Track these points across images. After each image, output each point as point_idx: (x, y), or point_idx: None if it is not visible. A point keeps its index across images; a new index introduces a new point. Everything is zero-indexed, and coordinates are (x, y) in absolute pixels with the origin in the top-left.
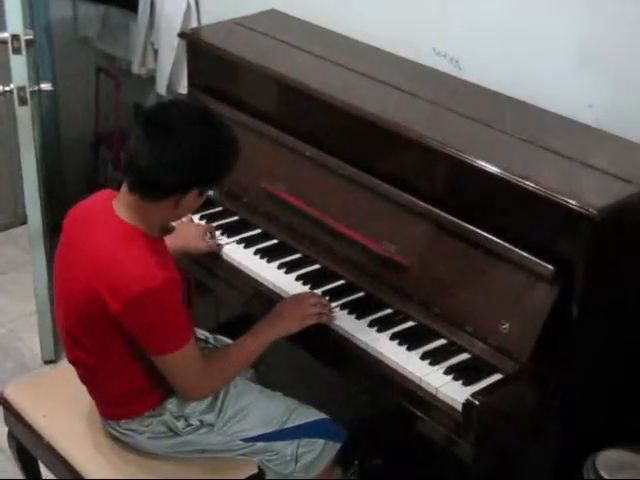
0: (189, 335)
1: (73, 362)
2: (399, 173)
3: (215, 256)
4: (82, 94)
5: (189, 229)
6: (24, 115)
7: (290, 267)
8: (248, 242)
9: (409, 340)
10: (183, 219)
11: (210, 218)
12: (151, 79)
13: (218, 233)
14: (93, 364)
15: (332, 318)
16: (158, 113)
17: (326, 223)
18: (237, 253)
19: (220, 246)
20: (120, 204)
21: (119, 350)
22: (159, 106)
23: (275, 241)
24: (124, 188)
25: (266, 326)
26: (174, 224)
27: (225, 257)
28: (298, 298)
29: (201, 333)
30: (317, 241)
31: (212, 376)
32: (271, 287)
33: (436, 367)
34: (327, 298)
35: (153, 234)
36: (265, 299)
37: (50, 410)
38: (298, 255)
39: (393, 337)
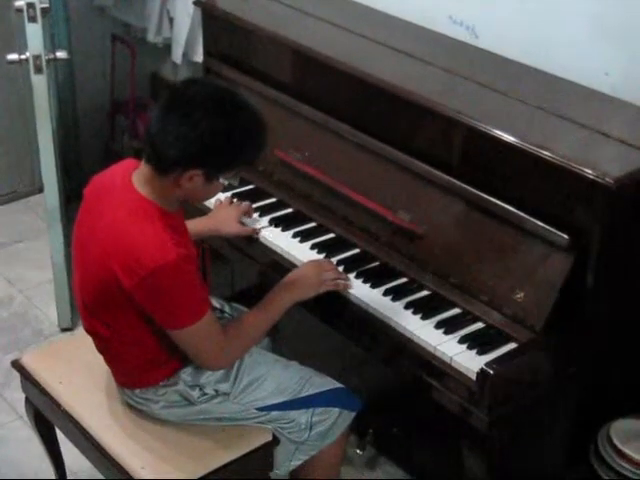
0: (205, 308)
1: (89, 332)
2: (415, 142)
3: (249, 239)
4: (98, 63)
5: (223, 212)
6: (40, 83)
7: (305, 236)
8: (263, 211)
9: (423, 309)
10: (220, 200)
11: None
12: (167, 47)
13: (256, 215)
14: (108, 336)
15: (347, 286)
16: (182, 90)
17: (341, 192)
18: (252, 222)
19: (257, 231)
20: (139, 176)
21: (134, 324)
22: (185, 83)
23: (290, 210)
24: (143, 159)
25: (282, 292)
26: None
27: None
28: (314, 264)
29: (217, 301)
30: (332, 210)
31: (230, 346)
32: (286, 256)
33: (450, 336)
34: (342, 267)
35: (169, 208)
36: (280, 268)
37: (67, 377)
38: (313, 224)
39: (408, 306)
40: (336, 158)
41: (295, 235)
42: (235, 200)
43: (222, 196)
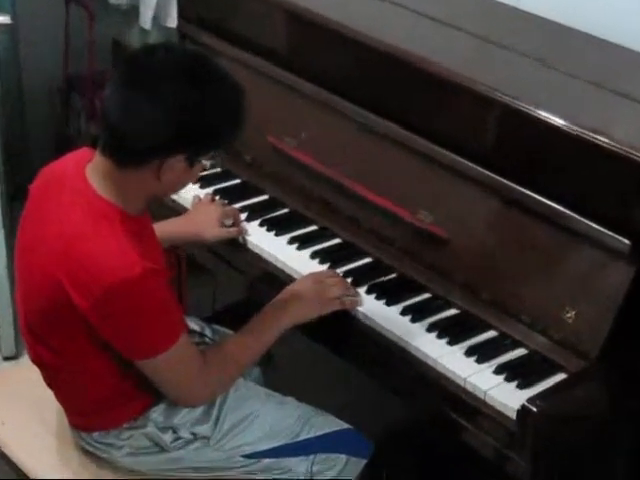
0: (178, 331)
1: (36, 362)
2: (439, 126)
3: (234, 243)
4: (48, 29)
5: (202, 212)
6: None
7: (303, 242)
8: (252, 211)
9: (451, 332)
10: (198, 197)
11: (205, 181)
12: (133, 10)
13: (243, 217)
14: (59, 366)
15: (356, 303)
16: (142, 58)
17: (348, 187)
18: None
19: (244, 234)
20: (95, 171)
21: (90, 351)
22: (145, 50)
23: (285, 210)
24: (98, 151)
25: (276, 312)
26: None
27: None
28: (316, 277)
29: (195, 323)
30: (337, 209)
31: (211, 377)
32: (280, 266)
33: (484, 365)
34: (350, 280)
35: (133, 212)
36: (273, 281)
37: (9, 416)
38: (313, 227)
39: (431, 328)
40: (342, 146)
41: (292, 241)
42: (217, 198)
43: (200, 193)
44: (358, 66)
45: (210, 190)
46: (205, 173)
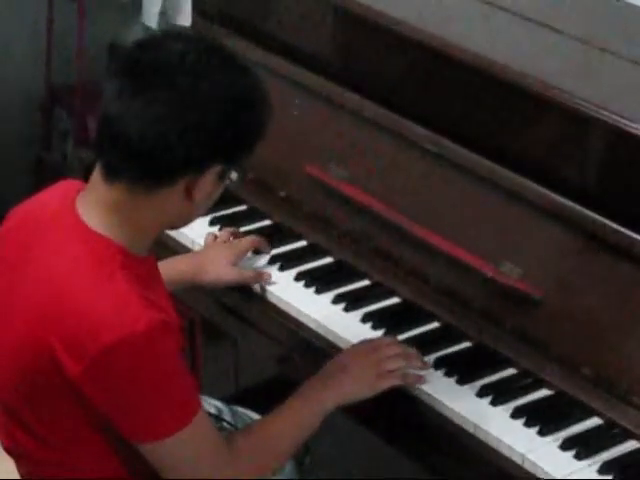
0: (194, 407)
1: (10, 451)
2: (528, 154)
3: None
4: (27, 29)
5: (215, 249)
6: None
7: (353, 301)
8: (286, 260)
9: (543, 419)
10: (214, 235)
11: (226, 222)
12: (134, 5)
13: (274, 269)
14: (43, 457)
15: (421, 379)
16: (151, 52)
17: (411, 232)
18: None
19: (265, 280)
20: (88, 203)
21: (83, 434)
22: (151, 41)
23: (328, 259)
24: (96, 176)
25: (320, 389)
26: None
27: (250, 286)
28: (371, 345)
29: (211, 404)
30: (396, 261)
31: (239, 467)
32: (322, 333)
33: (586, 462)
34: (413, 348)
35: (139, 250)
36: (312, 352)
37: None
38: (365, 282)
39: (517, 413)
40: (406, 179)
41: (337, 300)
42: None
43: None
44: (429, 80)
45: (229, 230)
46: (223, 212)
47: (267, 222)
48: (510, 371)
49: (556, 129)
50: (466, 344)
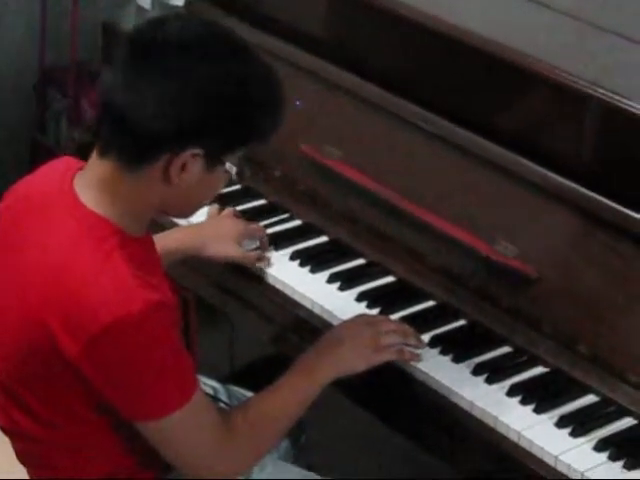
0: (192, 386)
1: (7, 431)
2: (522, 132)
3: (246, 274)
4: (19, 8)
5: (220, 225)
6: None
7: (348, 280)
8: (281, 240)
9: (538, 396)
10: (216, 207)
11: (220, 202)
12: None
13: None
14: (41, 436)
15: (417, 357)
16: (153, 33)
17: (406, 211)
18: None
19: (265, 263)
20: (86, 181)
21: (83, 415)
22: (154, 23)
23: (324, 239)
24: (95, 154)
25: (315, 362)
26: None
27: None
28: (366, 319)
29: (207, 384)
30: (391, 239)
31: (239, 446)
32: (317, 312)
33: (581, 440)
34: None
35: (135, 231)
36: (307, 330)
37: None
38: (360, 261)
39: (513, 391)
40: (401, 158)
41: (332, 279)
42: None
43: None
44: (423, 58)
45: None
46: (220, 191)
47: (262, 201)
48: (505, 349)
49: (551, 106)
50: (461, 322)
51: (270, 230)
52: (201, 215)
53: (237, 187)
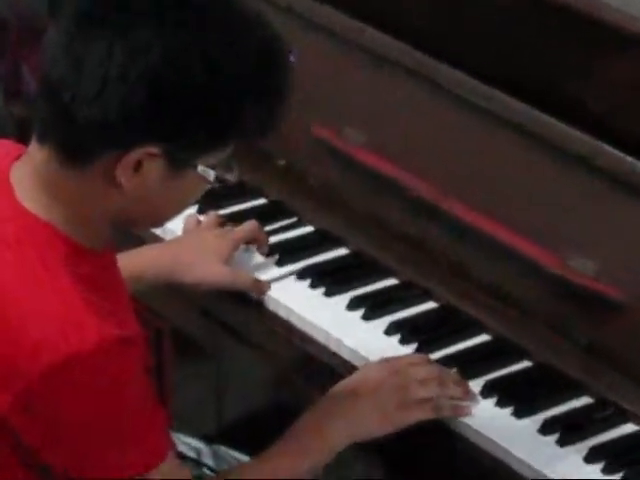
0: (163, 447)
1: None
2: (608, 115)
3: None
4: None
5: (199, 239)
6: None
7: (374, 306)
8: (287, 252)
9: (626, 461)
10: (194, 217)
11: (208, 201)
12: None
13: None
14: None
15: (463, 411)
16: None
17: (449, 214)
18: (264, 275)
19: (267, 289)
20: (27, 176)
21: (19, 478)
22: None
23: (342, 251)
24: (34, 141)
25: (327, 421)
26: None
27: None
28: (394, 365)
29: (187, 444)
30: (431, 252)
31: None
32: (334, 348)
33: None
34: (454, 370)
35: (90, 242)
36: (319, 373)
37: None
38: (391, 281)
39: (592, 455)
40: (442, 144)
41: (354, 304)
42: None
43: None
44: (475, 14)
45: (217, 212)
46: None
47: (261, 200)
48: (584, 400)
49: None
50: (525, 363)
51: (272, 239)
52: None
53: (230, 180)
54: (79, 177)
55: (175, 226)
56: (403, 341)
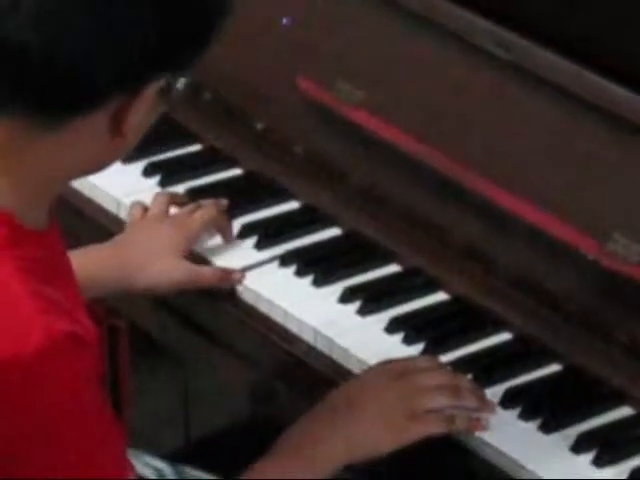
0: (119, 466)
1: None
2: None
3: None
4: None
5: (150, 233)
6: None
7: (373, 298)
8: (268, 234)
9: None
10: (140, 205)
11: (170, 173)
12: None
13: (249, 245)
14: None
15: (477, 426)
16: None
17: (466, 189)
18: (240, 262)
19: (238, 279)
20: None
21: None
22: None
23: (334, 231)
24: None
25: (318, 435)
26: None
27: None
28: (398, 370)
29: (148, 464)
30: (441, 234)
31: None
32: (323, 349)
33: None
34: (470, 376)
35: (33, 220)
36: (307, 379)
37: None
38: (393, 267)
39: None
40: (457, 106)
41: (348, 296)
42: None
43: (145, 196)
44: None
45: (180, 189)
46: (170, 155)
47: (236, 171)
48: (625, 410)
49: None
50: (554, 367)
51: (249, 217)
52: None
53: (196, 147)
54: (60, 139)
55: None
56: (407, 340)
